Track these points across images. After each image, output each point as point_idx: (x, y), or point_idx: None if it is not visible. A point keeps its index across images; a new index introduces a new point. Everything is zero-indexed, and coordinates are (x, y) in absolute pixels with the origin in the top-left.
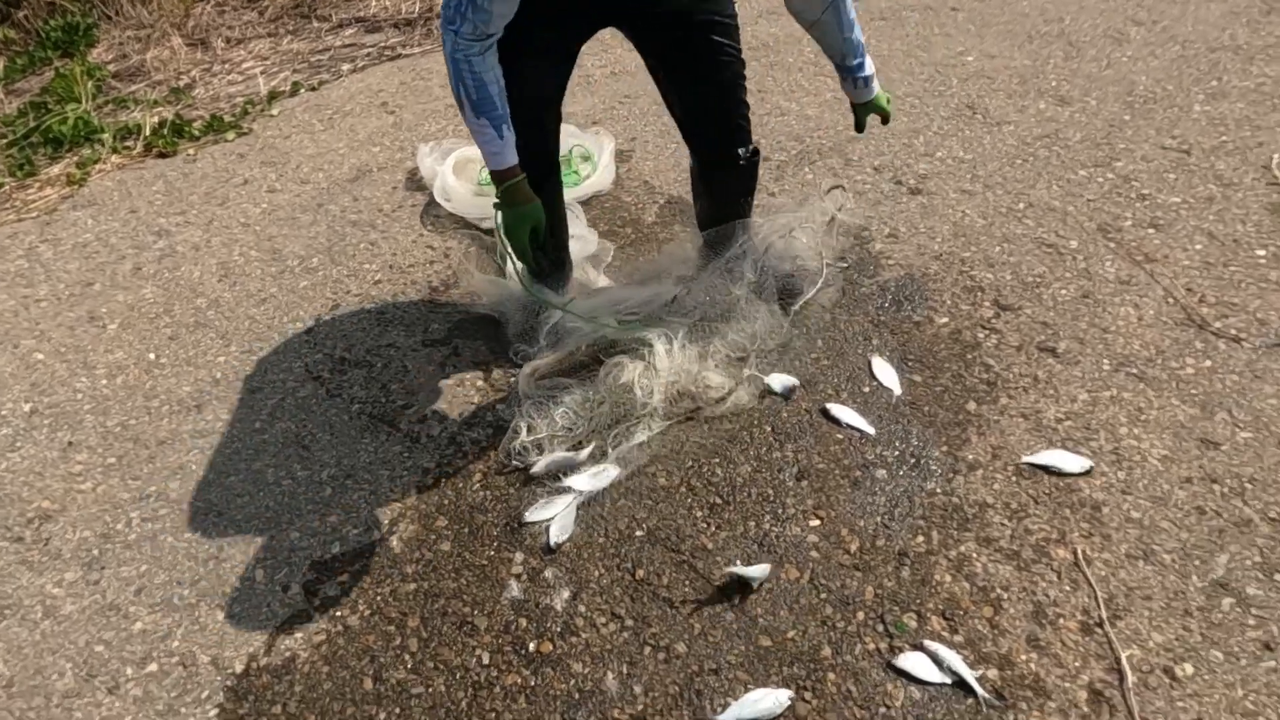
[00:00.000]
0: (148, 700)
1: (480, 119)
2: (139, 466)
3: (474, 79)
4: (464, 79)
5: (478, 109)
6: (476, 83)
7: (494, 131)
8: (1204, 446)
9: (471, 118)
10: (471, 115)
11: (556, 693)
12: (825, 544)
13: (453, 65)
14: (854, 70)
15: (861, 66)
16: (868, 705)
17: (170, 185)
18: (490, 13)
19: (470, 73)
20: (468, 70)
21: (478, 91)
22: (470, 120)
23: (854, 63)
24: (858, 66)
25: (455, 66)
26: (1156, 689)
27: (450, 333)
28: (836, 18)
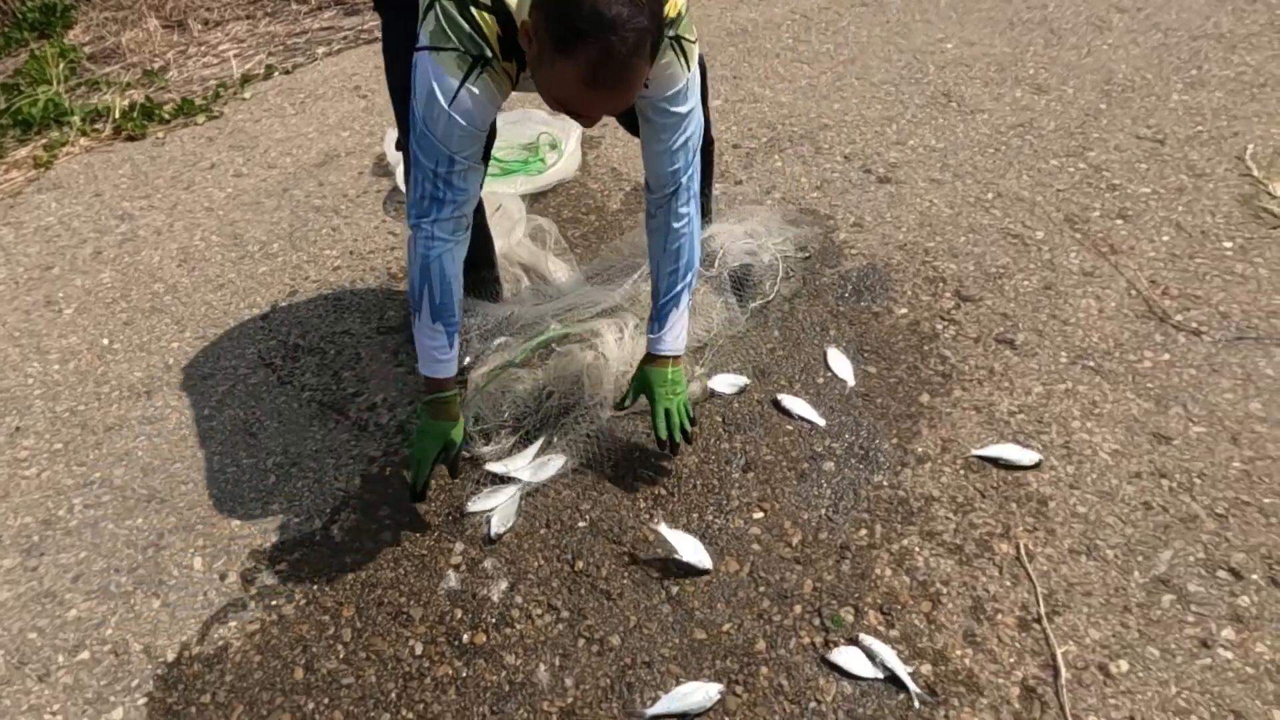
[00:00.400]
0: (77, 688)
1: (436, 324)
2: (85, 452)
3: (442, 283)
4: (431, 281)
5: (437, 314)
6: (444, 287)
7: (445, 340)
8: (1156, 441)
9: (426, 323)
10: (428, 320)
11: (487, 684)
12: (767, 537)
13: (421, 266)
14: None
15: (672, 305)
16: (799, 700)
17: (137, 169)
18: (467, 188)
19: (440, 275)
20: (438, 272)
21: (443, 296)
22: (423, 325)
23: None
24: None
25: (425, 267)
26: (1090, 686)
27: (406, 321)
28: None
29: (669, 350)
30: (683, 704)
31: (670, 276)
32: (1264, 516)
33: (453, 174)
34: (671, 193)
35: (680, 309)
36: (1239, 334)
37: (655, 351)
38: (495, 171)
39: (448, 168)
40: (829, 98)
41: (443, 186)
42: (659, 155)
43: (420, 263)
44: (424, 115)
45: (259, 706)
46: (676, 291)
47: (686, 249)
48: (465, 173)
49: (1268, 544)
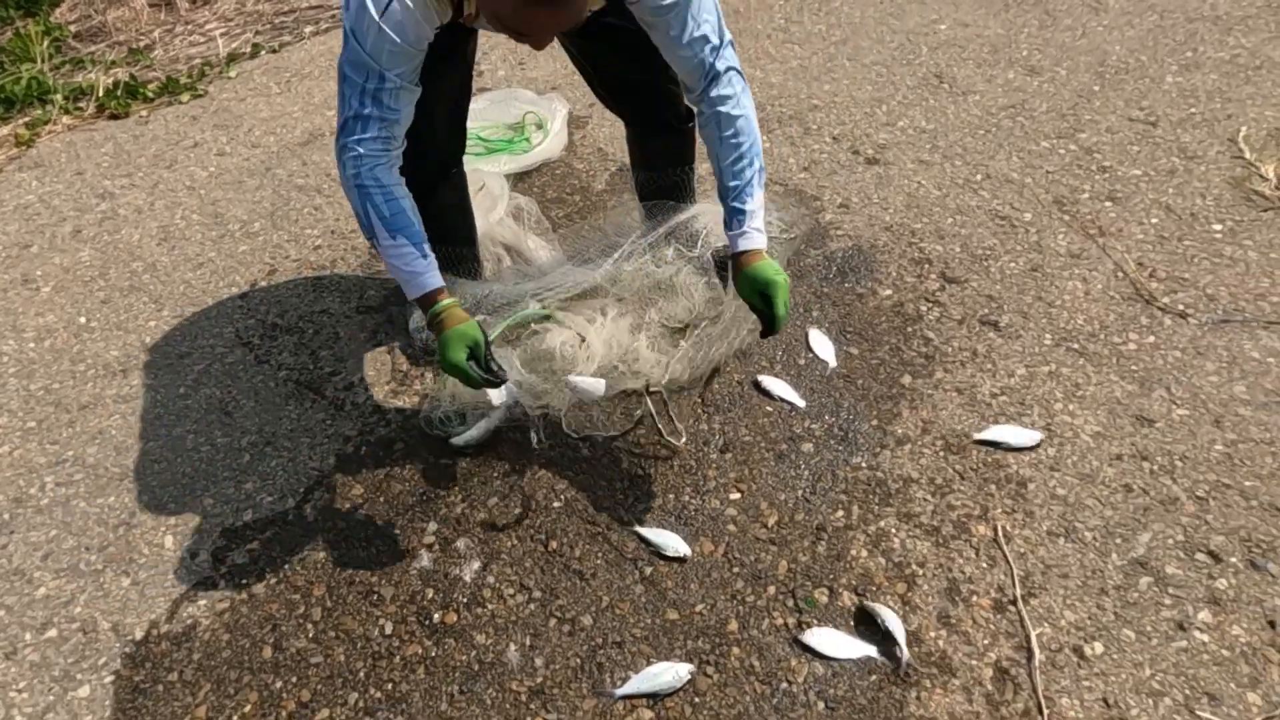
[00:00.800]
0: (44, 666)
1: (396, 239)
2: (58, 431)
3: (383, 194)
4: (371, 197)
5: (392, 226)
6: (387, 197)
7: (414, 250)
8: (1138, 423)
9: (386, 240)
10: (386, 237)
11: (456, 664)
12: (743, 518)
13: (356, 189)
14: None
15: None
16: (770, 680)
17: (119, 147)
18: (398, 109)
19: (378, 188)
20: (375, 186)
21: (389, 206)
22: (385, 245)
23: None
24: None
25: (360, 187)
26: (1064, 668)
27: (385, 300)
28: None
29: (759, 242)
30: (652, 684)
31: (735, 166)
32: (1244, 499)
33: (382, 91)
34: (708, 80)
35: (756, 196)
36: (1225, 317)
37: (746, 248)
38: (479, 150)
39: (377, 84)
40: (819, 79)
41: (370, 104)
42: (677, 56)
43: (353, 182)
44: (353, 27)
45: (226, 685)
46: (748, 180)
47: (746, 131)
48: (396, 92)
49: (1247, 527)
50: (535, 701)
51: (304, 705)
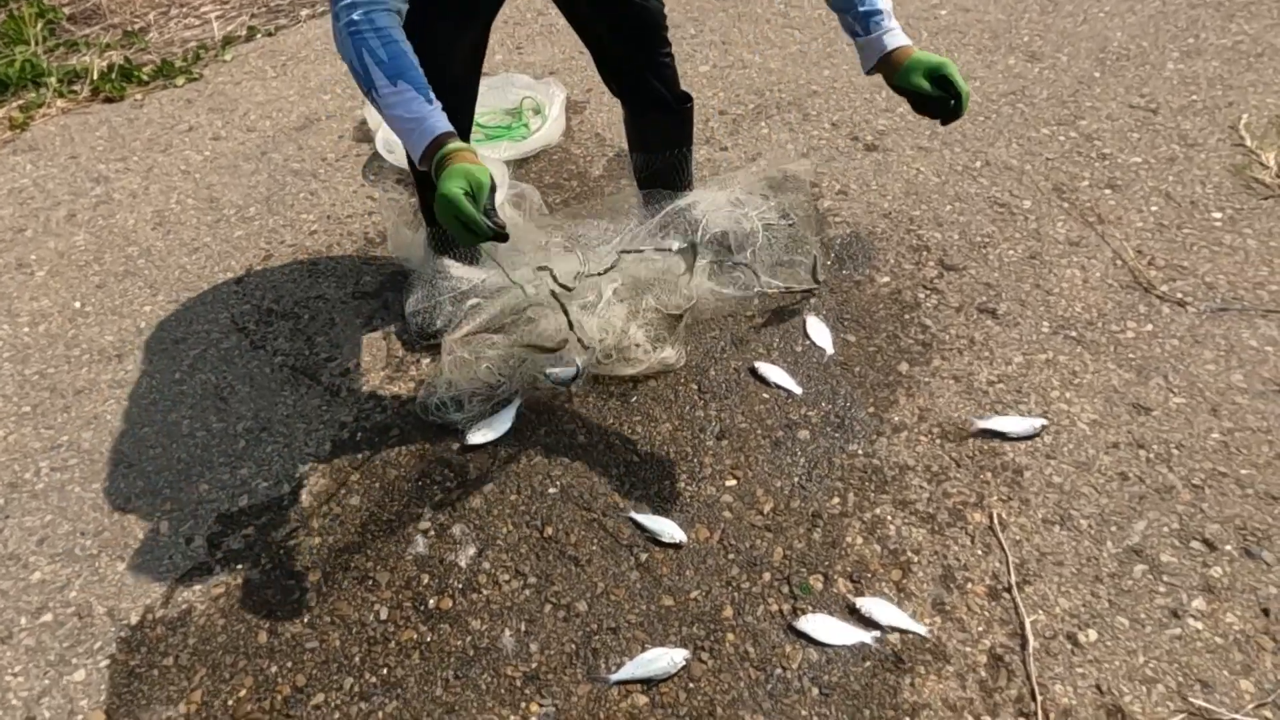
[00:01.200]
0: (40, 650)
1: (397, 84)
2: (53, 416)
3: (379, 35)
4: (367, 41)
5: (391, 71)
6: (384, 39)
7: (416, 94)
8: (1135, 412)
9: (386, 88)
10: (386, 85)
11: (451, 649)
12: (739, 504)
13: (349, 34)
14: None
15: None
16: (764, 666)
17: (114, 131)
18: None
19: (374, 31)
20: (370, 30)
21: (387, 49)
22: (385, 93)
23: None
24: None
25: (353, 33)
26: (1057, 655)
27: (381, 286)
28: None
29: (901, 39)
30: (647, 670)
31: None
32: (1240, 488)
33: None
34: None
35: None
36: (1224, 305)
37: (893, 46)
38: (479, 137)
39: None
40: (819, 64)
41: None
42: None
43: (346, 30)
44: None
45: (222, 669)
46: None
47: None
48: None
49: (1243, 515)
50: (530, 687)
51: (299, 690)
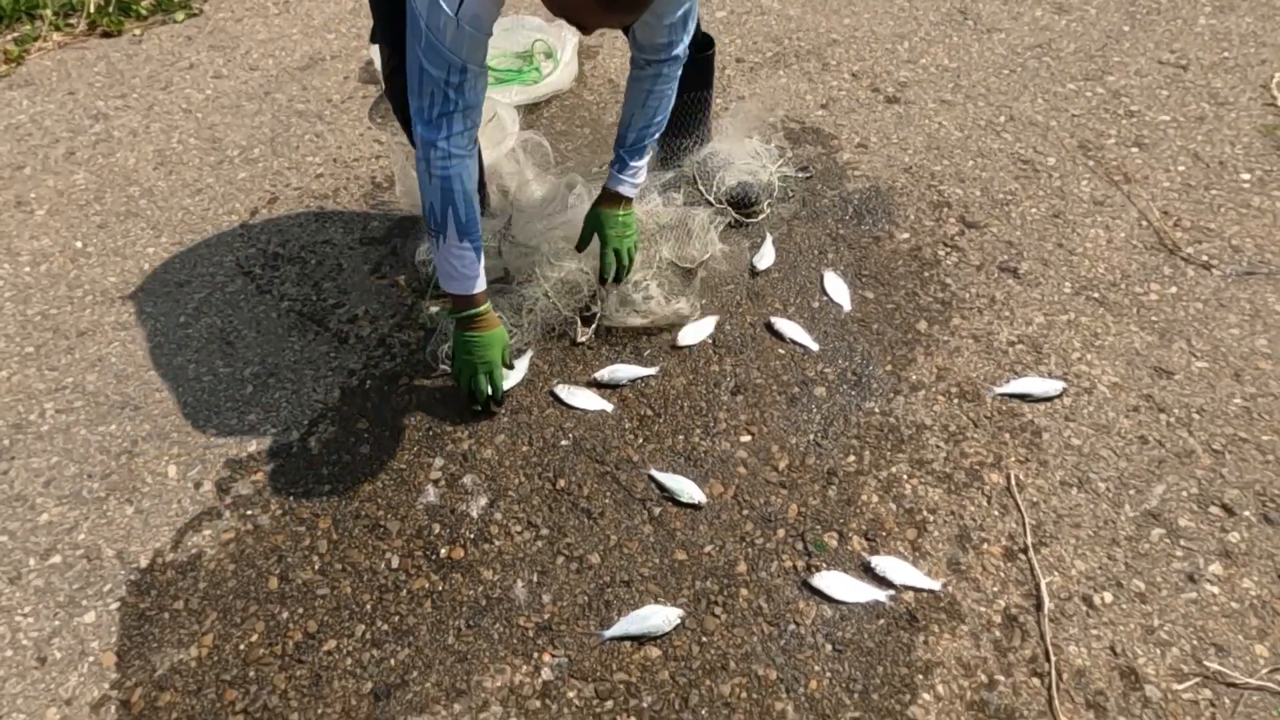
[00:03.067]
0: (49, 591)
1: (463, 242)
2: (57, 357)
3: (466, 200)
4: (455, 202)
5: (463, 232)
6: (468, 204)
7: (473, 255)
8: (1156, 375)
9: (453, 242)
10: (455, 239)
11: (463, 599)
12: (754, 460)
13: (441, 190)
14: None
15: (636, 154)
16: (778, 622)
17: (112, 67)
18: (478, 96)
19: (463, 192)
20: (460, 190)
21: (468, 212)
22: (450, 245)
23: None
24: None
25: (446, 189)
26: (1072, 616)
27: (389, 232)
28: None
29: (628, 191)
30: (641, 626)
31: (642, 130)
32: (1261, 454)
33: (464, 83)
34: (665, 60)
35: (645, 157)
36: (1250, 268)
37: (614, 189)
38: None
39: (460, 78)
40: (839, 12)
41: (455, 96)
42: (654, 28)
43: (441, 184)
44: (429, 24)
45: (233, 614)
46: (645, 144)
47: (664, 108)
48: (476, 79)
49: (1263, 481)
50: (543, 637)
51: (310, 636)
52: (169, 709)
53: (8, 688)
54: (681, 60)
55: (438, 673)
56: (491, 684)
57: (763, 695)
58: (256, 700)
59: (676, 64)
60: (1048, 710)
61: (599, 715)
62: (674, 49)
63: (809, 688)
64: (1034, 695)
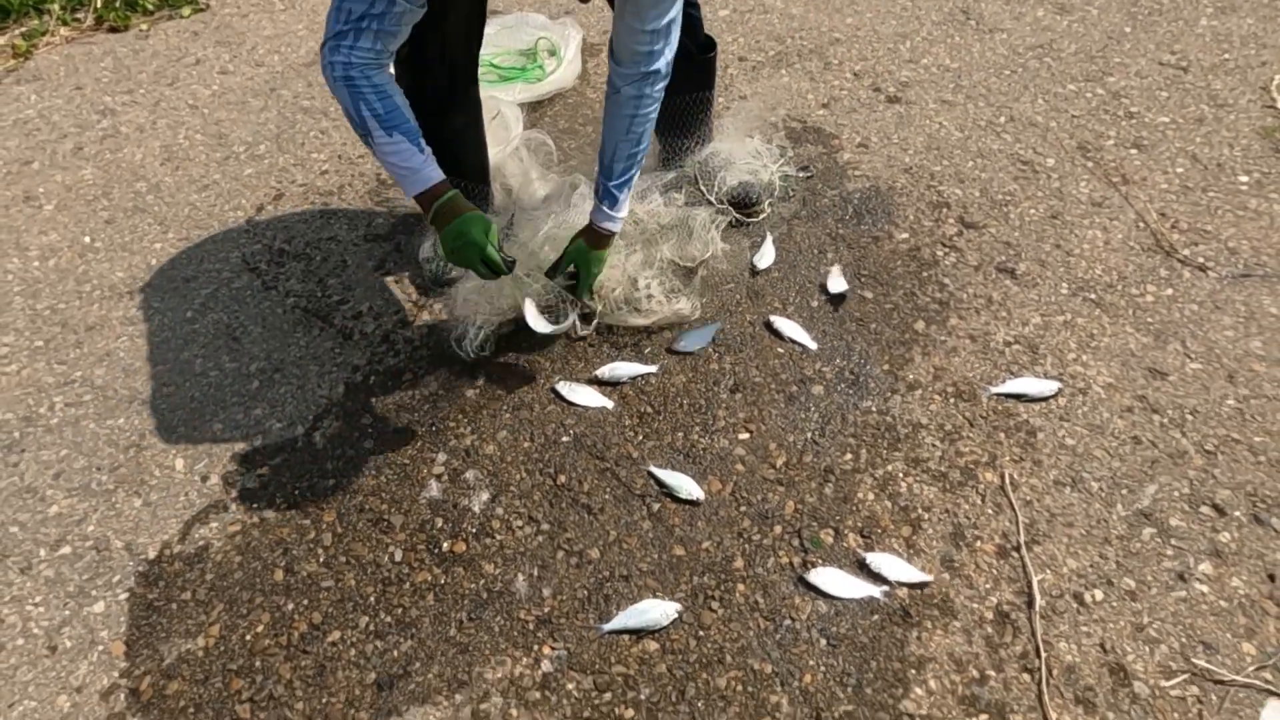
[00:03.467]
0: (59, 581)
1: (393, 136)
2: (66, 351)
3: (376, 92)
4: (364, 96)
5: (387, 123)
6: (379, 94)
7: (411, 146)
8: (1151, 376)
9: (382, 138)
10: (382, 135)
11: (465, 591)
12: (751, 458)
13: (345, 87)
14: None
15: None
16: (774, 617)
17: (119, 62)
18: (398, 31)
19: (370, 86)
20: (366, 85)
21: (383, 103)
22: (380, 143)
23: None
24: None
25: (350, 87)
26: (1064, 613)
27: (394, 229)
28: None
29: (614, 228)
30: (640, 620)
31: (628, 160)
32: (1253, 455)
33: (389, 14)
34: (647, 74)
35: (630, 189)
36: (1246, 271)
37: (601, 227)
38: (492, 78)
39: (385, 6)
40: (842, 11)
41: (371, 21)
42: (636, 33)
43: (343, 84)
44: None
45: (239, 605)
46: (631, 175)
47: (647, 134)
48: (402, 15)
49: (1254, 482)
50: (543, 630)
51: (315, 627)
52: (176, 697)
53: (19, 675)
54: (664, 79)
55: (440, 664)
56: (492, 675)
57: (758, 689)
58: (262, 690)
59: (657, 81)
60: (1037, 705)
61: (597, 707)
62: (654, 61)
63: (804, 681)
64: (1024, 690)
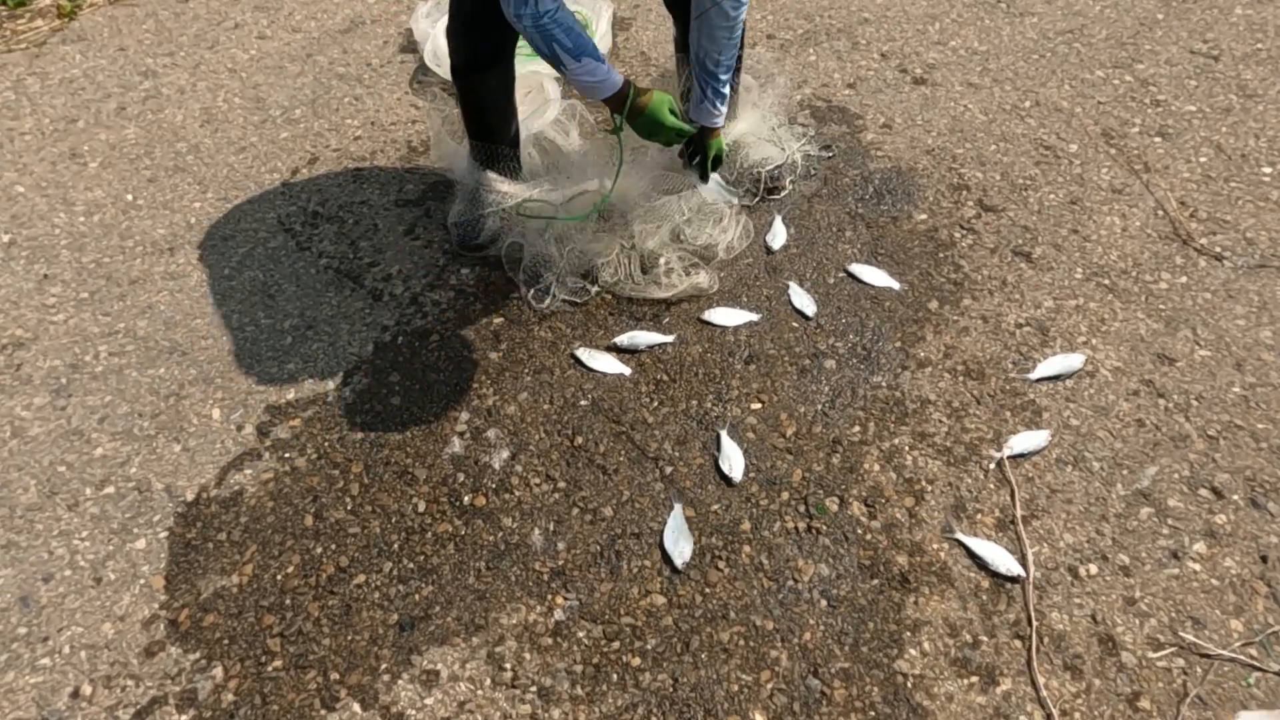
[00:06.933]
0: (104, 519)
1: (582, 61)
2: (110, 303)
3: (563, 28)
4: (554, 37)
5: (576, 53)
6: (566, 29)
7: (597, 63)
8: (1159, 361)
9: (574, 65)
10: (573, 63)
11: (484, 543)
12: (763, 426)
13: (538, 33)
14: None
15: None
16: (777, 577)
17: (161, 25)
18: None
19: (558, 25)
20: (554, 26)
21: (569, 37)
22: (573, 69)
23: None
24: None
25: (542, 32)
26: (1057, 585)
27: (424, 194)
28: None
29: (715, 122)
30: None
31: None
32: (1255, 441)
33: None
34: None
35: (727, 93)
36: (1262, 261)
37: (711, 124)
38: (528, 53)
39: None
40: None
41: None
42: None
43: (535, 31)
44: None
45: (271, 547)
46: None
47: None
48: None
49: (1254, 467)
50: (556, 581)
51: (342, 570)
52: (212, 629)
53: (67, 603)
54: None
55: (458, 609)
56: (507, 621)
57: (759, 644)
58: (292, 625)
59: None
60: (1026, 670)
61: (606, 654)
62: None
63: (803, 639)
64: (1015, 655)
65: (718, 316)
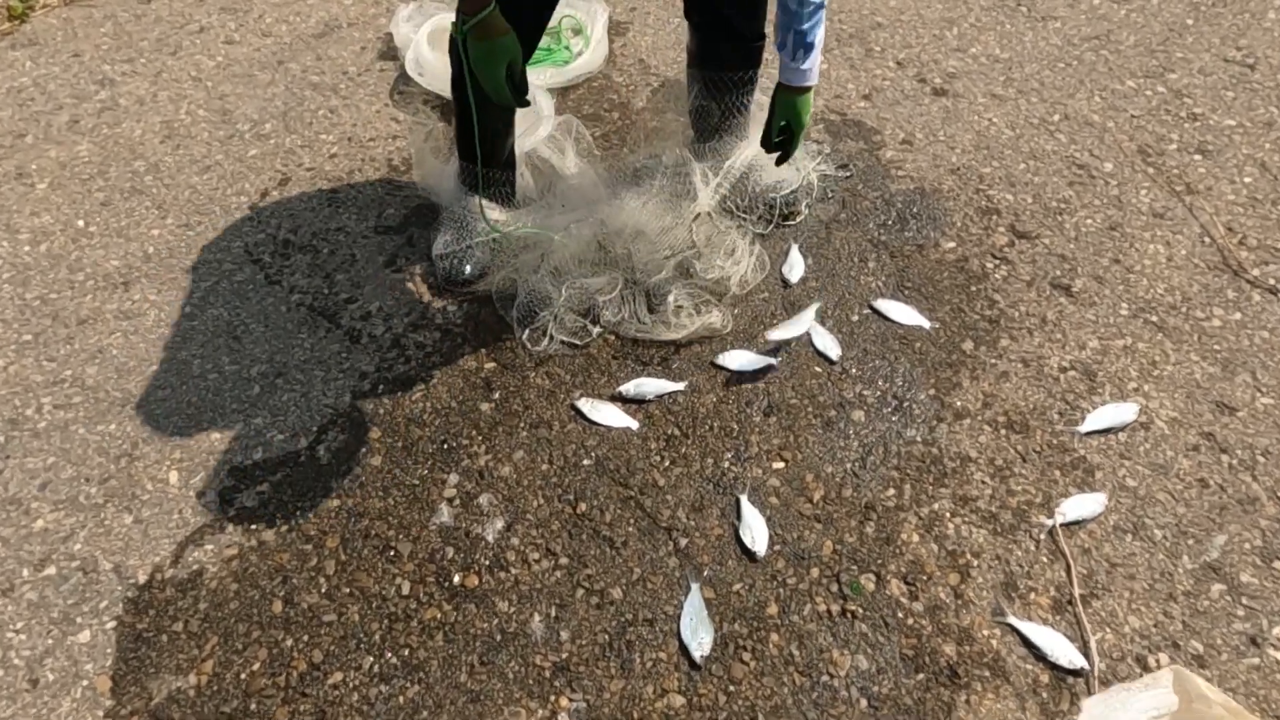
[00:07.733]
0: (43, 606)
1: None
2: (56, 347)
3: None
4: None
5: None
6: None
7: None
8: (1219, 411)
9: None
10: None
11: (477, 632)
12: (786, 490)
13: None
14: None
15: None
16: (809, 672)
17: (120, 28)
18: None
19: None
20: None
21: None
22: None
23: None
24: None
25: None
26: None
27: (406, 220)
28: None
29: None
30: None
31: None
32: None
33: None
34: None
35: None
36: None
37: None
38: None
39: None
40: None
41: None
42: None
43: None
44: None
45: (234, 639)
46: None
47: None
48: None
49: None
50: (560, 678)
51: (315, 667)
52: None
53: None
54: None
55: (449, 713)
56: None
57: None
58: None
59: None
60: None
61: None
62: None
63: None
64: None
65: (733, 361)
